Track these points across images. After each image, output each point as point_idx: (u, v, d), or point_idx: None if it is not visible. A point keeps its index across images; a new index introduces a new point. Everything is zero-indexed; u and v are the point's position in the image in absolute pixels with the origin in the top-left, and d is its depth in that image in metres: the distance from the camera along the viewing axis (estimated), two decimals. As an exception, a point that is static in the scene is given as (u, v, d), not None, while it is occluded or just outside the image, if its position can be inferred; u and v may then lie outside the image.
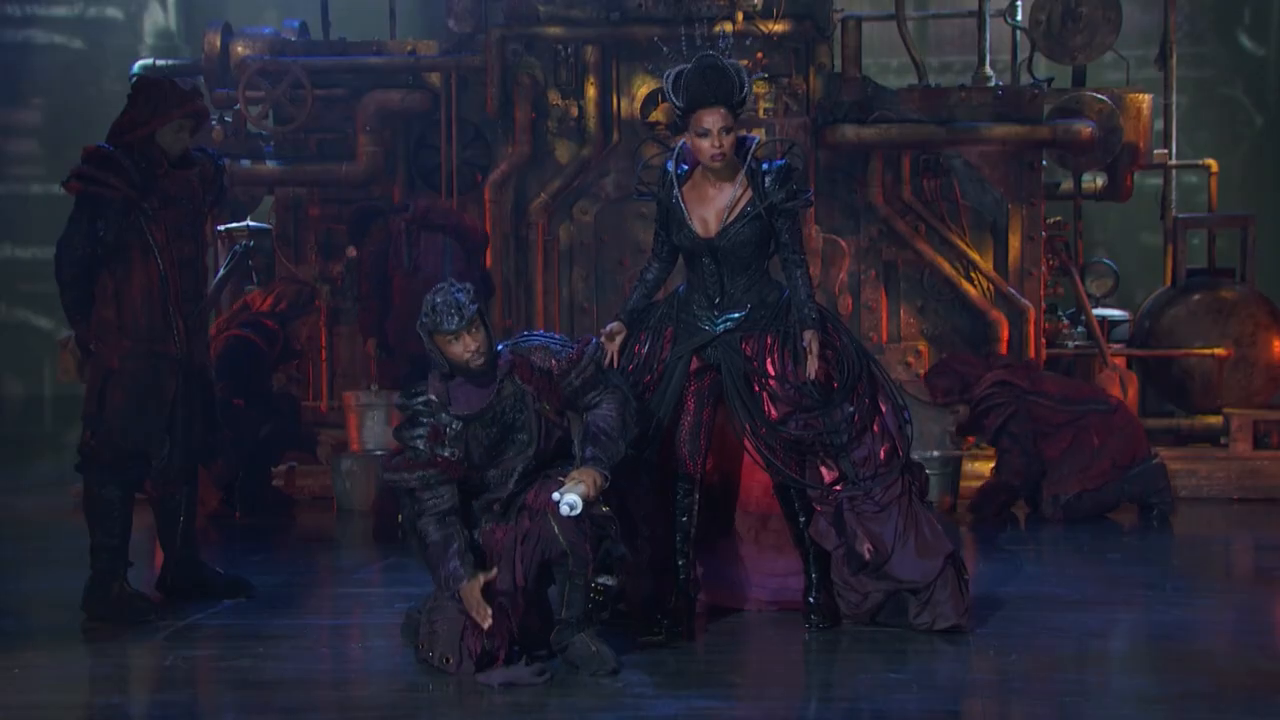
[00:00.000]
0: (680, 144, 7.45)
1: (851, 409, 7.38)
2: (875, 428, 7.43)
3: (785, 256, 7.45)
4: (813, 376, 7.31)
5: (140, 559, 8.29)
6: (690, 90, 7.26)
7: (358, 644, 7.37)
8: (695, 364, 7.47)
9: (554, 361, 6.80)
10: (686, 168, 7.46)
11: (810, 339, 7.35)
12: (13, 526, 11.05)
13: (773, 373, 7.37)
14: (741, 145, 7.41)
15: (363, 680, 6.78)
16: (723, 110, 7.25)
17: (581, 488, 6.55)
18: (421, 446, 6.69)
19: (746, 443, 7.44)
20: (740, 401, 7.37)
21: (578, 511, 6.52)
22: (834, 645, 7.22)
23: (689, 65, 7.28)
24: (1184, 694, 6.42)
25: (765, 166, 7.39)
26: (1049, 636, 7.34)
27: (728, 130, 7.27)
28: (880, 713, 6.27)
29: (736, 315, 7.43)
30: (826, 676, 6.90)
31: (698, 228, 7.40)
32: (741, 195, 7.39)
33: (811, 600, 7.43)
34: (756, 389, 7.38)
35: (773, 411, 7.35)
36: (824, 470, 7.40)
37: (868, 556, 7.33)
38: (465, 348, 6.63)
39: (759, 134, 9.29)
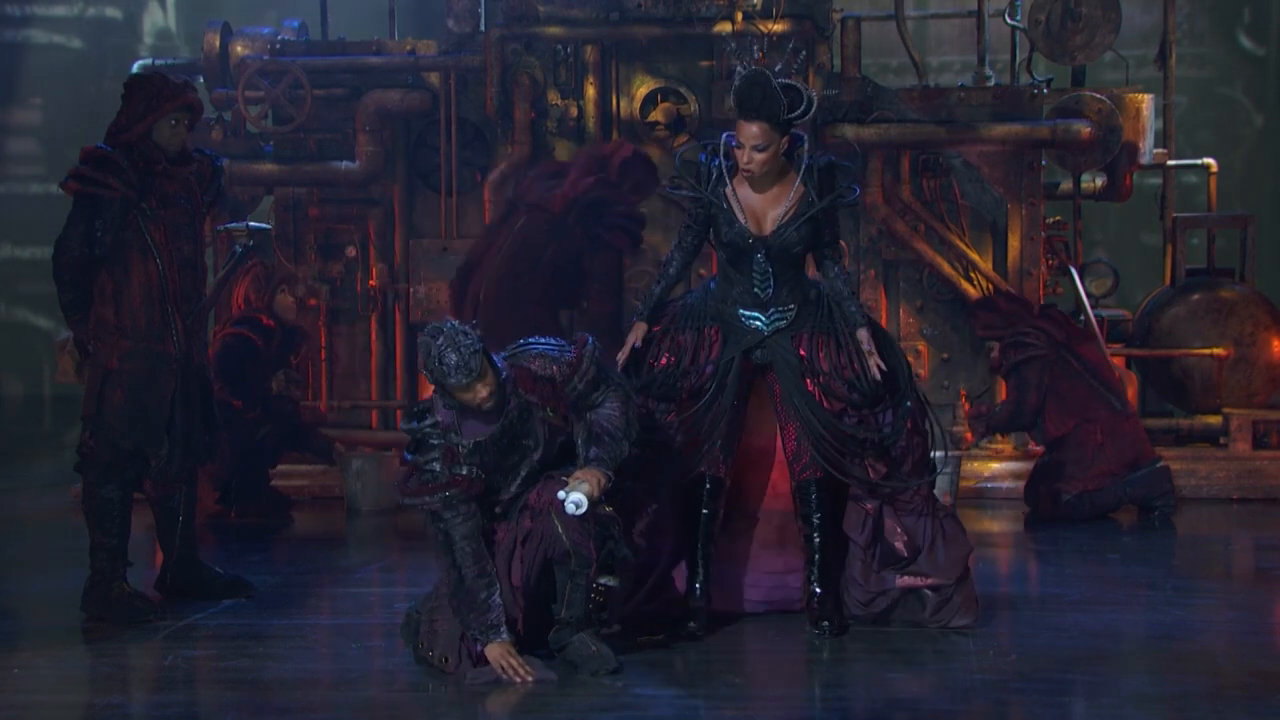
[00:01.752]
0: (725, 136, 7.42)
1: (908, 403, 7.41)
2: (913, 426, 7.45)
3: (824, 252, 7.45)
4: (876, 375, 7.32)
5: (140, 559, 8.28)
6: (737, 98, 7.27)
7: (357, 644, 7.36)
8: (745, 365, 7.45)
9: (555, 368, 6.77)
10: (732, 163, 7.41)
11: (866, 338, 7.36)
12: (13, 526, 11.05)
13: (826, 369, 7.36)
14: (794, 144, 7.38)
15: (362, 680, 6.77)
16: (761, 125, 7.21)
17: (585, 487, 6.54)
18: (438, 469, 6.67)
19: (792, 438, 7.39)
20: (798, 394, 7.35)
21: (583, 510, 6.52)
22: (834, 645, 7.21)
23: (744, 72, 7.28)
24: (1184, 694, 6.42)
25: (808, 161, 7.36)
26: (1049, 636, 7.34)
27: (761, 147, 7.22)
28: (881, 712, 6.27)
29: (787, 314, 7.40)
30: (827, 676, 6.89)
31: (751, 226, 7.37)
32: (796, 195, 7.37)
33: (817, 604, 7.39)
34: (810, 386, 7.37)
35: (827, 406, 7.35)
36: (870, 467, 7.40)
37: (905, 552, 7.35)
38: (477, 395, 6.60)
39: None
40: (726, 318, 7.43)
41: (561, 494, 6.54)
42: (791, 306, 7.41)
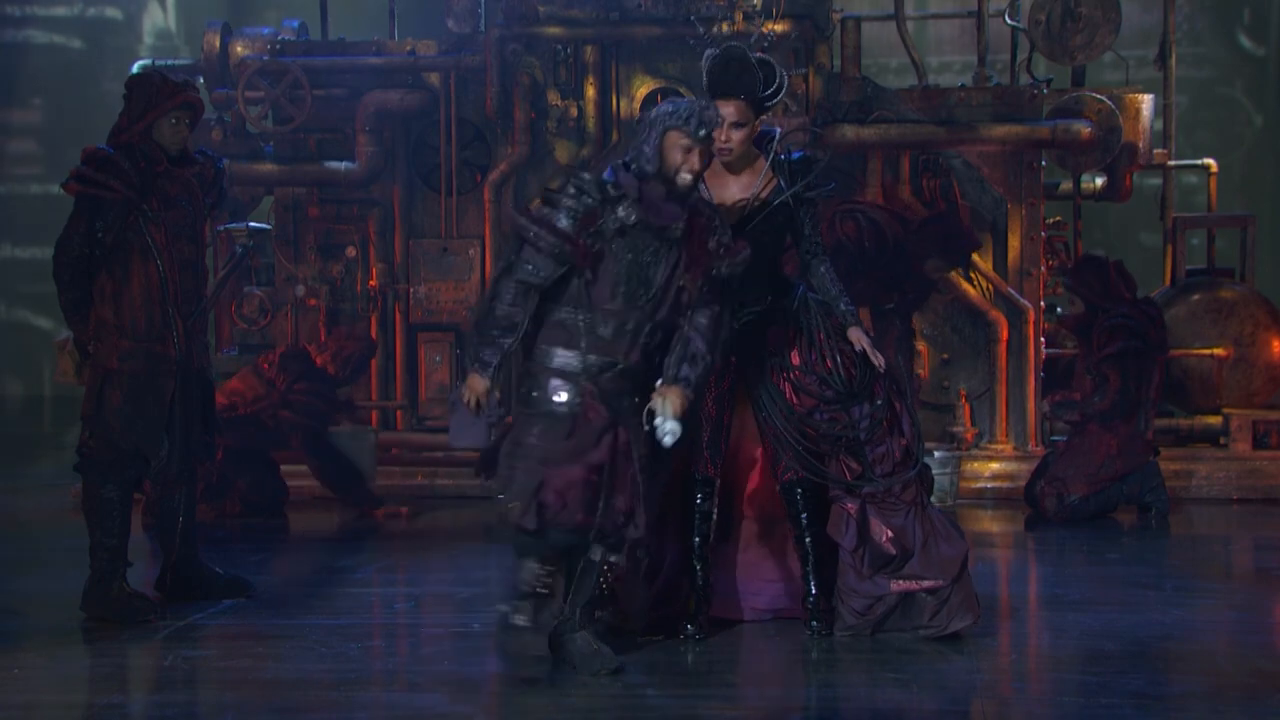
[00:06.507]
0: None
1: (880, 401, 7.35)
2: (892, 426, 7.40)
3: (806, 248, 7.39)
4: (880, 363, 7.28)
5: (140, 559, 8.29)
6: (710, 78, 7.24)
7: (357, 644, 7.37)
8: None
9: (715, 239, 6.80)
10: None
11: (857, 338, 7.32)
12: (13, 526, 11.05)
13: (796, 363, 7.33)
14: (764, 137, 7.36)
15: (362, 680, 6.78)
16: (738, 103, 7.20)
17: (670, 410, 6.65)
18: (565, 218, 6.67)
19: (766, 438, 7.38)
20: (765, 393, 7.33)
21: (679, 436, 6.66)
22: (834, 646, 7.21)
23: (717, 52, 7.26)
24: (1184, 694, 6.43)
25: (783, 158, 7.35)
26: (1049, 636, 7.34)
27: (739, 125, 7.20)
28: (880, 713, 6.28)
29: (756, 309, 7.37)
30: (826, 677, 6.89)
31: None
32: (765, 186, 7.33)
33: (810, 605, 7.38)
34: (778, 381, 7.34)
35: (796, 404, 7.31)
36: (844, 466, 7.35)
37: (894, 551, 7.27)
38: (690, 163, 6.69)
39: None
40: None
41: (657, 420, 6.64)
42: (763, 301, 7.35)
